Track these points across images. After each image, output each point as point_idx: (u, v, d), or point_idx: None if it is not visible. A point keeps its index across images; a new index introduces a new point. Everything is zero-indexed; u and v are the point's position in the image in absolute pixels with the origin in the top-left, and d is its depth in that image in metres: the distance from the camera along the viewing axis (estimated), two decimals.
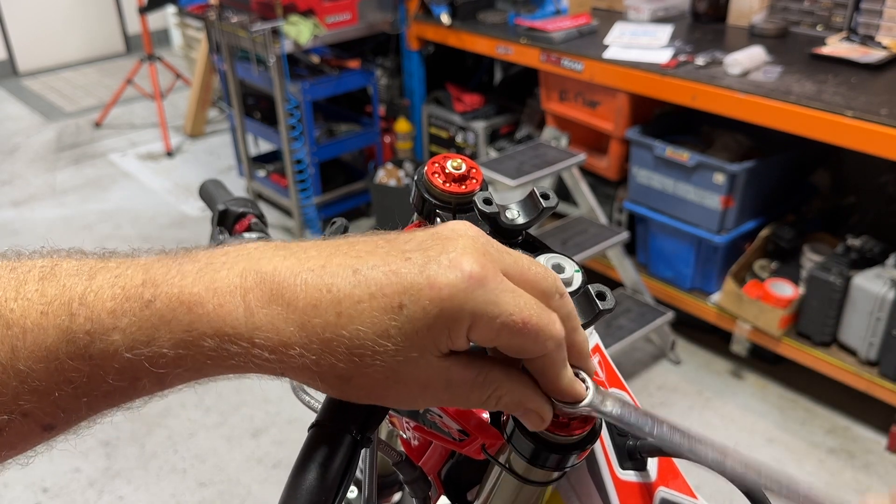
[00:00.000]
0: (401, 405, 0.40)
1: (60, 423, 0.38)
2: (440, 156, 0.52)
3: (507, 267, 0.38)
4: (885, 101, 2.06)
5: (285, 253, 0.39)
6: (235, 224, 0.89)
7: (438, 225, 0.40)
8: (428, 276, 0.36)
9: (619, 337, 2.50)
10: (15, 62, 6.19)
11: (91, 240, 3.70)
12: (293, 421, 2.51)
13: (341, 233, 0.64)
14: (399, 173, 3.34)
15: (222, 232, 0.88)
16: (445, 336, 0.36)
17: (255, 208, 0.91)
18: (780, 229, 2.57)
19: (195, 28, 4.96)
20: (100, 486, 2.30)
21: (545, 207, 0.49)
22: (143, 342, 0.36)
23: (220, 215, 0.89)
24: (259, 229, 0.88)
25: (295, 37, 2.96)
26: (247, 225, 0.89)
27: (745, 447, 2.37)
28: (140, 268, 0.39)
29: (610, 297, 0.44)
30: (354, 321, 0.36)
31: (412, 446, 0.62)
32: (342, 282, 0.37)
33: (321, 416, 0.43)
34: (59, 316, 0.36)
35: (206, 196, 0.97)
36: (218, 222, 0.89)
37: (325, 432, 0.42)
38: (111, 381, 0.37)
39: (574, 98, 2.82)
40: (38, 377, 0.36)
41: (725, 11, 2.88)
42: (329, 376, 0.37)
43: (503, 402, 0.40)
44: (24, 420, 0.37)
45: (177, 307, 0.36)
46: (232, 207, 0.89)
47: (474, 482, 0.58)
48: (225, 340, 0.36)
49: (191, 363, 0.37)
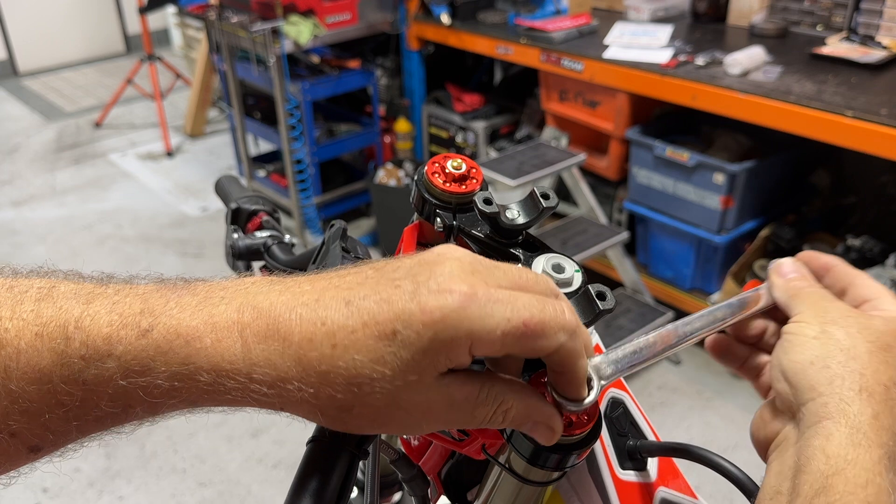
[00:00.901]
0: (406, 432, 0.40)
1: (48, 445, 0.38)
2: (440, 156, 0.52)
3: (497, 281, 0.38)
4: (885, 101, 2.06)
5: (281, 288, 0.39)
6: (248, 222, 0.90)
7: (425, 251, 0.40)
8: (419, 302, 0.36)
9: (619, 337, 2.50)
10: (15, 62, 6.19)
11: (91, 240, 3.70)
12: (293, 421, 2.48)
13: (340, 235, 0.64)
14: (399, 173, 3.33)
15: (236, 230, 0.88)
16: (443, 357, 0.37)
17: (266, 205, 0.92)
18: (780, 229, 2.57)
19: (195, 28, 4.95)
20: (100, 486, 2.30)
21: (545, 207, 0.49)
22: (138, 371, 0.36)
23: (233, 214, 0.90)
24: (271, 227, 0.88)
25: (295, 37, 2.96)
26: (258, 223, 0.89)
27: (745, 447, 2.36)
28: (138, 297, 0.38)
29: (610, 296, 0.44)
30: (349, 351, 0.36)
31: (412, 446, 0.62)
32: (335, 314, 0.37)
33: (318, 430, 0.43)
34: (54, 339, 0.36)
35: (221, 192, 0.98)
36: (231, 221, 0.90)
37: (323, 447, 0.42)
38: (104, 407, 0.37)
39: (574, 98, 2.82)
40: (30, 398, 0.36)
41: (725, 11, 2.88)
42: (329, 408, 0.37)
43: (510, 416, 0.40)
44: (10, 440, 0.37)
45: (174, 339, 0.36)
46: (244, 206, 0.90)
47: (474, 482, 0.58)
48: (222, 375, 0.36)
49: (186, 395, 0.37)
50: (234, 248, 0.86)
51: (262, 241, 0.85)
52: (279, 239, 0.86)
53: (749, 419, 0.48)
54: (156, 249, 3.59)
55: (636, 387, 2.62)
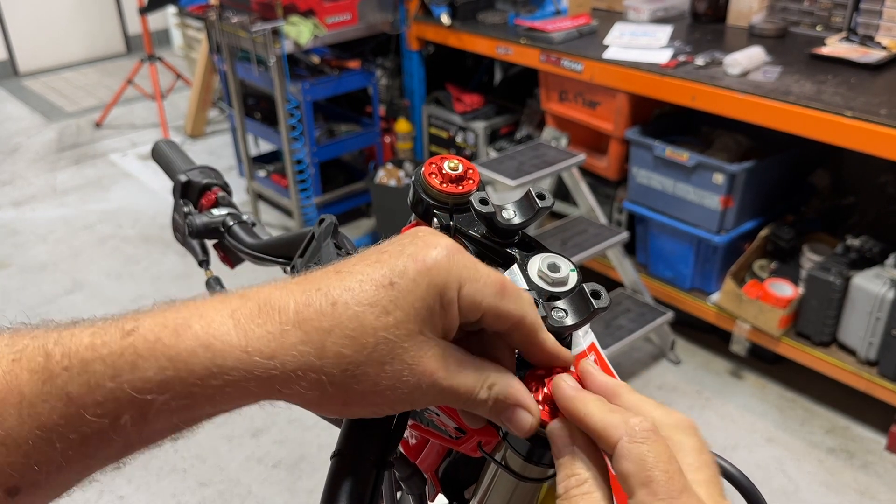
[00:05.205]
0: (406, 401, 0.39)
1: (26, 487, 0.35)
2: (437, 157, 0.52)
3: None
4: (885, 102, 2.06)
5: (263, 284, 0.39)
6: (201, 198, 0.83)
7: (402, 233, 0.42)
8: (410, 255, 0.39)
9: (619, 337, 2.51)
10: (16, 62, 6.19)
11: (91, 240, 3.71)
12: (293, 421, 2.51)
13: (331, 231, 0.64)
14: (399, 173, 3.34)
15: (186, 204, 0.82)
16: (438, 304, 0.38)
17: (219, 178, 0.86)
18: (779, 229, 2.57)
19: (195, 28, 4.96)
20: (100, 486, 2.30)
21: (541, 207, 0.49)
22: (126, 369, 0.34)
23: (183, 187, 0.83)
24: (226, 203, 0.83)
25: (295, 37, 2.96)
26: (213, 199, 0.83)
27: (744, 447, 2.37)
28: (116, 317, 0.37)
29: (604, 295, 0.45)
30: (350, 305, 0.37)
31: (410, 445, 0.63)
32: (329, 281, 0.38)
33: (341, 444, 0.44)
34: (32, 359, 0.35)
35: (162, 160, 0.89)
36: (181, 195, 0.84)
37: (347, 462, 0.43)
38: (90, 418, 0.34)
39: (574, 98, 2.82)
40: (9, 425, 0.34)
41: (725, 12, 2.88)
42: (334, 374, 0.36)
43: (494, 391, 0.41)
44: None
45: (161, 331, 0.35)
46: (195, 179, 0.83)
47: (471, 480, 0.58)
48: (217, 355, 0.35)
49: (179, 387, 0.35)
50: (190, 226, 0.80)
51: (222, 220, 0.81)
52: (238, 217, 0.81)
53: (748, 419, 0.49)
54: (156, 249, 3.59)
55: (635, 386, 2.61)
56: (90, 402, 0.34)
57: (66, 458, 0.35)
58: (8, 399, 0.34)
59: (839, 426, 2.45)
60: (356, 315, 0.37)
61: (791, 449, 2.36)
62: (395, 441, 0.44)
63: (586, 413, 0.40)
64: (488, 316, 0.40)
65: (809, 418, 2.48)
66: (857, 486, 2.23)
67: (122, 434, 0.35)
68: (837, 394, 2.51)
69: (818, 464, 2.31)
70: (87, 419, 0.34)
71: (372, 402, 0.38)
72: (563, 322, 0.44)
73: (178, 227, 0.83)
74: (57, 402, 0.34)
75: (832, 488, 2.23)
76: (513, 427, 0.41)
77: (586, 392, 0.41)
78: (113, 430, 0.35)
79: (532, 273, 0.47)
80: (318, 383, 0.36)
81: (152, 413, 0.35)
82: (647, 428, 0.38)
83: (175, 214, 0.84)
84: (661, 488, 0.35)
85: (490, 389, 0.41)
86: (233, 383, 0.35)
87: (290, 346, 0.36)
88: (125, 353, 0.35)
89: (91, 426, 0.35)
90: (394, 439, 0.44)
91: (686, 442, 0.39)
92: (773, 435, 2.41)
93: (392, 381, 0.38)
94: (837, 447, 2.37)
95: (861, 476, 2.27)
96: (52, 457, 0.35)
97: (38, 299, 3.25)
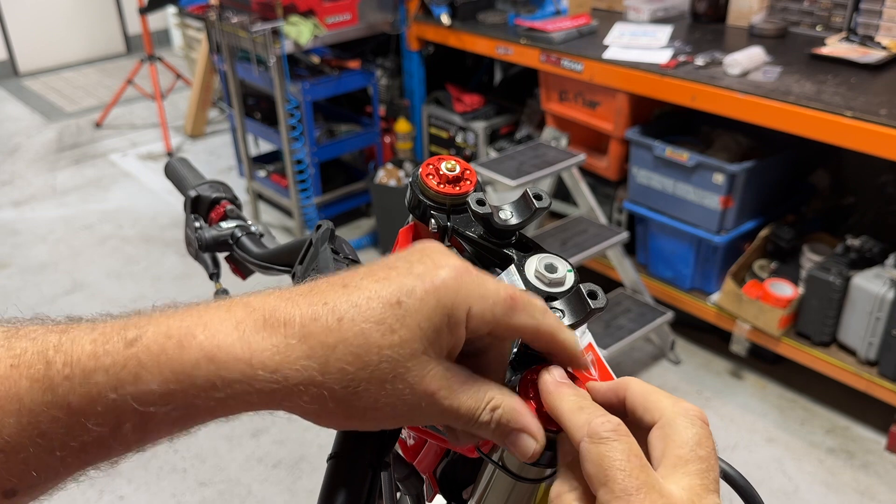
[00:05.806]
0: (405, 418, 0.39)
1: (23, 489, 0.35)
2: (435, 157, 0.52)
3: None
4: (885, 102, 2.06)
5: (269, 292, 0.39)
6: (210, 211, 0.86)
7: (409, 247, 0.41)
8: (419, 274, 0.38)
9: (619, 337, 2.51)
10: (15, 62, 6.20)
11: (91, 240, 3.71)
12: (293, 420, 2.50)
13: (328, 237, 0.64)
14: (399, 173, 3.34)
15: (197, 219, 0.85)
16: (445, 325, 0.37)
17: (227, 192, 0.88)
18: (779, 229, 2.57)
19: (195, 28, 4.96)
20: (100, 486, 2.30)
21: (538, 208, 0.49)
22: (129, 381, 0.34)
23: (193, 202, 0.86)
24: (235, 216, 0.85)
25: (295, 37, 2.96)
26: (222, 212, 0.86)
27: (744, 447, 2.37)
28: (117, 319, 0.37)
29: (601, 296, 0.45)
30: (357, 321, 0.36)
31: (408, 445, 0.63)
32: (335, 296, 0.37)
33: (337, 447, 0.44)
34: (32, 366, 0.34)
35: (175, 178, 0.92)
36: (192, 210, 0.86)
37: (343, 464, 0.43)
38: (91, 427, 0.34)
39: (574, 98, 2.82)
40: (8, 433, 0.33)
41: (725, 12, 2.88)
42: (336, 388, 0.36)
43: (497, 415, 0.40)
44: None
45: (165, 342, 0.35)
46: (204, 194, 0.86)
47: (469, 481, 0.58)
48: (220, 367, 0.35)
49: (181, 399, 0.35)
50: (200, 240, 0.82)
51: (230, 232, 0.83)
52: (247, 229, 0.83)
53: (748, 419, 0.48)
54: (156, 249, 3.59)
55: None
56: (91, 413, 0.34)
57: (65, 464, 0.35)
58: (7, 406, 0.34)
59: (839, 426, 2.45)
60: (362, 332, 0.36)
61: (791, 449, 2.36)
62: (391, 443, 0.44)
63: (559, 412, 0.40)
64: (500, 331, 0.40)
65: (809, 418, 2.48)
66: (857, 486, 2.23)
67: (121, 441, 0.36)
68: (837, 394, 2.50)
69: (818, 464, 2.31)
70: (88, 428, 0.34)
71: (372, 418, 0.38)
72: None
73: (189, 242, 0.86)
74: (58, 412, 0.34)
75: (832, 488, 2.23)
76: (516, 452, 0.41)
77: (565, 388, 0.41)
78: (113, 438, 0.35)
79: (529, 274, 0.47)
80: (319, 398, 0.36)
81: (153, 422, 0.35)
82: (611, 428, 0.37)
83: (187, 229, 0.86)
84: (616, 486, 0.35)
85: (493, 412, 0.40)
86: (235, 395, 0.36)
87: (294, 361, 0.36)
88: (128, 365, 0.34)
89: (91, 434, 0.35)
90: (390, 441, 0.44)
91: (685, 432, 0.38)
92: (773, 435, 2.41)
93: (392, 399, 0.38)
94: (837, 447, 2.37)
95: (861, 476, 2.27)
96: (51, 463, 0.35)
97: (37, 299, 3.25)
